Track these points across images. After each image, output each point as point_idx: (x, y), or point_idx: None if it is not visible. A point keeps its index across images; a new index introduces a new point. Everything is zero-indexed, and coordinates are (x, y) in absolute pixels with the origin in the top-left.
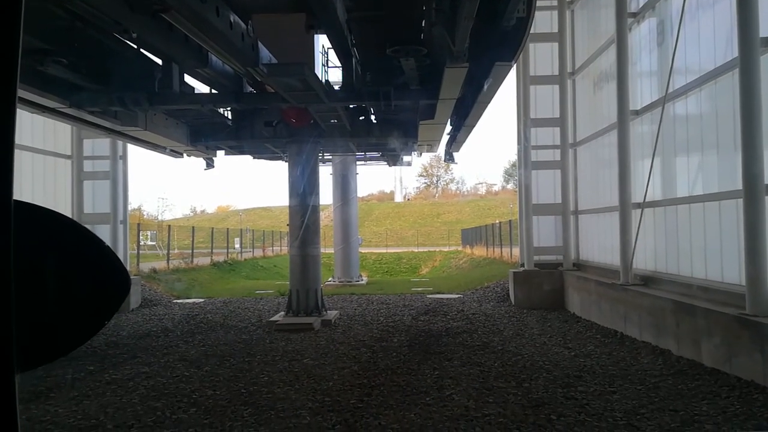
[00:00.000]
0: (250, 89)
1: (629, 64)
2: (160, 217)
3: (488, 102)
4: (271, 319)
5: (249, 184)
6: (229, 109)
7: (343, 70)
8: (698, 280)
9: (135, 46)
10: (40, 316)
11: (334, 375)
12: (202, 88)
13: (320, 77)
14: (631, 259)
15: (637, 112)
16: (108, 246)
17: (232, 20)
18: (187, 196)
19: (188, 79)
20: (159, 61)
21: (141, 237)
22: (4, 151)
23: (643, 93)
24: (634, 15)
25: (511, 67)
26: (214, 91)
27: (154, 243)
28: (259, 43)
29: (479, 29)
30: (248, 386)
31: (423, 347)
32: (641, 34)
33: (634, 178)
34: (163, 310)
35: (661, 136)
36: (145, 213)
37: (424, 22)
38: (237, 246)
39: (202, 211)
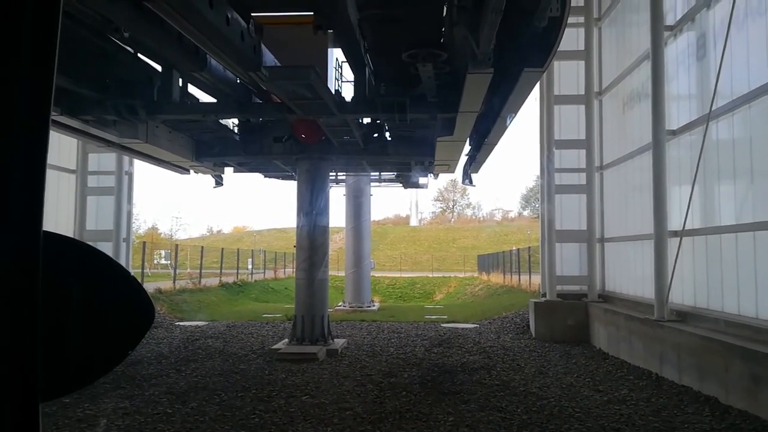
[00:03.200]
0: (258, 101)
1: (665, 81)
2: (174, 237)
3: (514, 115)
4: (274, 346)
5: (266, 205)
6: (236, 123)
7: (355, 80)
8: (747, 319)
9: (131, 50)
10: (66, 346)
11: (334, 418)
12: (207, 100)
13: (332, 89)
14: (668, 293)
15: (674, 132)
16: (135, 278)
17: (229, 16)
18: (203, 215)
19: (195, 91)
20: (158, 68)
21: (155, 256)
22: (35, 184)
23: (680, 112)
24: (670, 28)
25: (541, 74)
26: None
27: (168, 262)
28: (264, 47)
29: (506, 31)
30: (235, 429)
31: (436, 385)
32: (678, 49)
33: (669, 204)
34: (163, 333)
35: (703, 158)
36: (161, 232)
37: (444, 23)
38: (250, 266)
39: (219, 231)
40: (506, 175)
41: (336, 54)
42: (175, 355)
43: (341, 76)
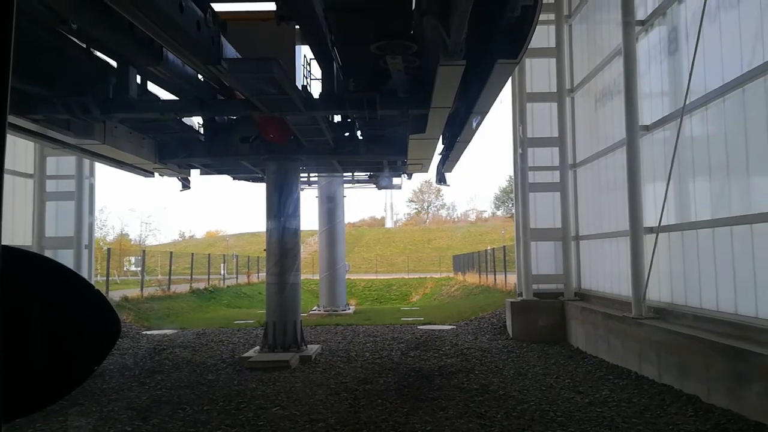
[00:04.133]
0: (222, 99)
1: (637, 76)
2: (143, 243)
3: (486, 111)
4: (245, 354)
5: (239, 209)
6: (201, 123)
7: (322, 76)
8: (727, 315)
9: (83, 45)
10: (28, 364)
11: (305, 431)
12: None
13: (300, 87)
14: (645, 290)
15: (647, 128)
16: (99, 290)
17: (183, 4)
18: (175, 220)
19: (156, 90)
20: (114, 64)
21: (125, 263)
22: None
23: (653, 108)
24: (641, 23)
25: (515, 66)
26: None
27: (138, 269)
28: (226, 42)
29: (477, 22)
30: None
31: (413, 392)
32: (650, 44)
33: (644, 200)
34: (128, 343)
35: (677, 152)
36: (131, 239)
37: (414, 13)
38: (223, 272)
39: (191, 236)
40: (479, 176)
41: (305, 51)
42: (140, 366)
43: (310, 74)
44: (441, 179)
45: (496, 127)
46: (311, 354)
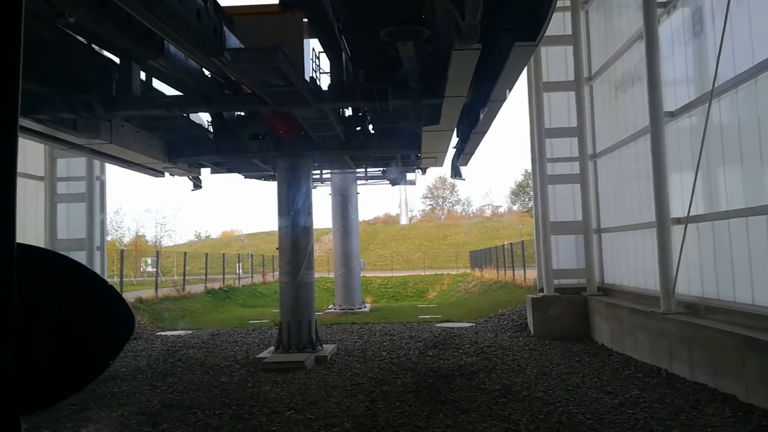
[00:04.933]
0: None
1: (660, 60)
2: (158, 244)
3: (503, 100)
4: (259, 355)
5: (255, 208)
6: (210, 121)
7: (331, 67)
8: (763, 309)
9: (84, 41)
10: (43, 359)
11: None
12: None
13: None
14: (674, 284)
15: (672, 114)
16: (112, 286)
17: None
18: (191, 221)
19: (162, 87)
20: (117, 60)
21: (142, 264)
22: (6, 195)
23: (677, 93)
24: (663, 5)
25: (534, 48)
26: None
27: (155, 269)
28: (230, 34)
29: (492, 2)
30: None
31: (432, 393)
32: (672, 26)
33: (669, 190)
34: (142, 345)
35: (706, 138)
36: (147, 240)
37: None
38: (239, 271)
39: (207, 237)
40: (494, 171)
41: (314, 45)
42: (153, 368)
43: (319, 68)
44: (456, 173)
45: (509, 120)
46: (327, 354)
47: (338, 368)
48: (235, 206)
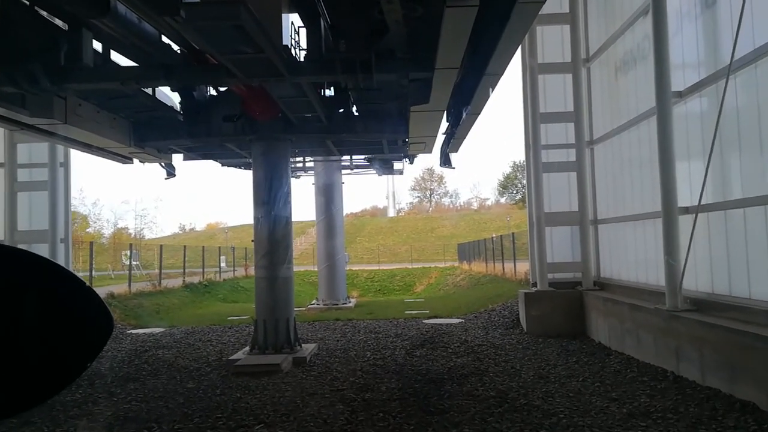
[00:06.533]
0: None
1: (668, 35)
2: (139, 236)
3: (501, 73)
4: (232, 357)
5: (240, 200)
6: (181, 102)
7: (308, 36)
8: None
9: (26, 2)
10: (21, 362)
11: None
12: None
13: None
14: (681, 278)
15: (680, 94)
16: (90, 287)
17: None
18: (176, 213)
19: (123, 60)
20: (65, 27)
21: (123, 257)
22: None
23: (685, 73)
24: None
25: (540, 6)
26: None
27: (136, 263)
28: None
29: None
30: None
31: (419, 401)
32: (681, 0)
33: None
34: (109, 344)
35: (721, 120)
36: (130, 232)
37: None
38: (221, 264)
39: (191, 229)
40: (482, 163)
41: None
42: (115, 372)
43: (298, 44)
44: (446, 161)
45: (496, 111)
46: (306, 355)
47: (317, 371)
48: (221, 198)
